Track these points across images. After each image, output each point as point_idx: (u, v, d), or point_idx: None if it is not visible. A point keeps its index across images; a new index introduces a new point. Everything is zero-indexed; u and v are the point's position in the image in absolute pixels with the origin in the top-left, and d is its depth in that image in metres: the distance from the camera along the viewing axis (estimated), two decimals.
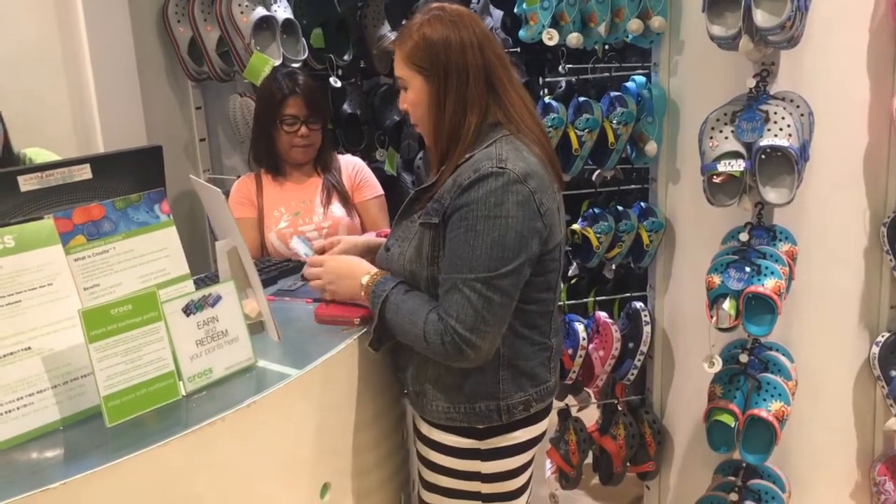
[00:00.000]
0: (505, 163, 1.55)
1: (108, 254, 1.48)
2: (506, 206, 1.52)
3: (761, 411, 2.13)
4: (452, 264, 1.55)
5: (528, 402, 1.68)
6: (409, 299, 1.61)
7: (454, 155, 1.61)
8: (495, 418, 1.66)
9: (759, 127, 2.02)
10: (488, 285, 1.52)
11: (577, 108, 2.44)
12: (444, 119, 1.61)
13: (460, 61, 1.59)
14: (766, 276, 2.06)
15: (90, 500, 1.23)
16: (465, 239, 1.53)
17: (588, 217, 2.57)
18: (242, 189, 2.51)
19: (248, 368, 1.57)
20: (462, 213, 1.54)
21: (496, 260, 1.52)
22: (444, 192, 1.59)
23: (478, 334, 1.53)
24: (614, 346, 2.57)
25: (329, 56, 2.99)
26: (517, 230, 1.53)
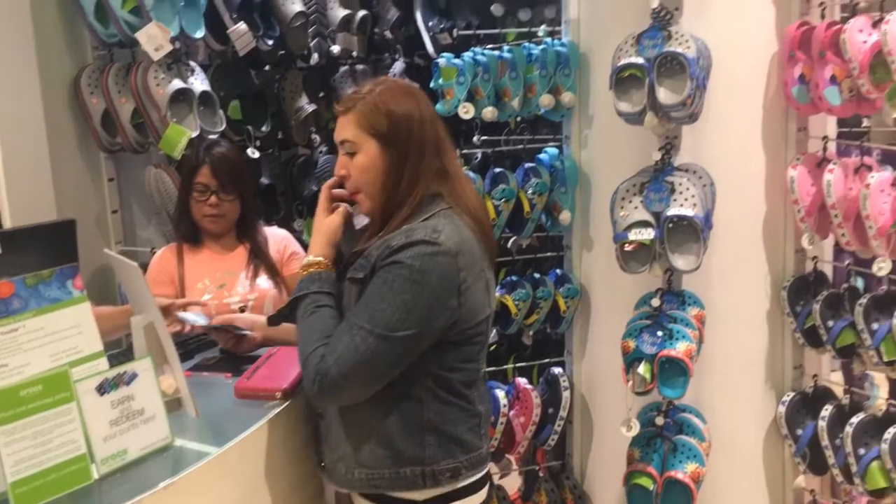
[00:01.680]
0: (439, 234, 1.58)
1: (17, 332, 1.43)
2: (428, 274, 1.55)
3: (678, 473, 2.18)
4: (358, 309, 1.58)
5: (456, 469, 1.66)
6: (319, 318, 1.62)
7: (395, 222, 1.63)
8: (420, 483, 1.64)
9: (665, 197, 2.12)
10: (380, 340, 1.54)
11: (493, 178, 2.51)
12: (396, 189, 1.64)
13: (420, 134, 1.64)
14: (678, 340, 2.14)
15: None
16: (379, 292, 1.55)
17: (506, 285, 2.61)
18: (161, 263, 2.46)
19: (165, 448, 1.52)
20: (386, 269, 1.56)
21: (398, 321, 1.54)
22: (374, 250, 1.61)
23: (349, 380, 1.55)
24: (534, 412, 2.60)
25: (247, 128, 2.99)
26: (429, 301, 1.55)
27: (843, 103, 2.16)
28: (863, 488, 2.22)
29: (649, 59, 2.10)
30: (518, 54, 2.47)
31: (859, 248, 2.24)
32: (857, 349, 2.30)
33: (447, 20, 3.48)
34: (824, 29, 2.18)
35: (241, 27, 2.81)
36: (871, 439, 2.23)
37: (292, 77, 3.20)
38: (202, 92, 2.76)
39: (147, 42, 2.60)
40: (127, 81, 2.72)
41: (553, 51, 2.48)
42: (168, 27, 2.61)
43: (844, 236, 2.21)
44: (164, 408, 1.53)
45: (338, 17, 3.23)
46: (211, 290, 2.40)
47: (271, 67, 3.23)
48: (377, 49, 3.52)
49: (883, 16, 2.10)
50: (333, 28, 3.25)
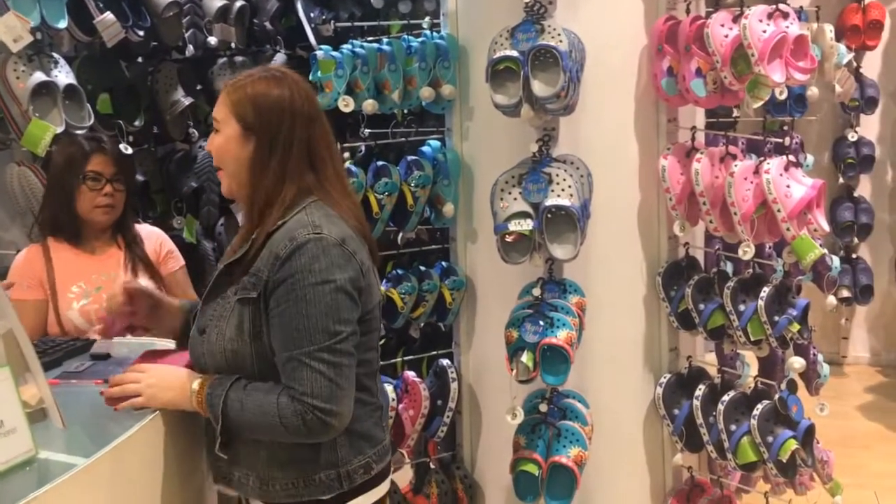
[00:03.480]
0: (320, 228, 1.55)
1: None
2: (330, 269, 1.53)
3: (562, 458, 2.23)
4: (290, 340, 1.52)
5: (368, 464, 1.65)
6: (252, 392, 1.55)
7: (267, 221, 1.59)
8: (337, 486, 1.61)
9: (543, 188, 2.16)
10: (333, 352, 1.51)
11: (376, 172, 2.50)
12: (262, 183, 1.60)
13: (288, 131, 1.60)
14: (559, 328, 2.19)
15: None
16: (298, 310, 1.51)
17: (392, 278, 2.61)
18: (28, 265, 2.32)
19: (29, 461, 1.43)
20: (287, 286, 1.52)
21: (334, 324, 1.52)
22: (261, 265, 1.56)
23: (336, 402, 1.51)
24: (423, 405, 2.60)
25: (118, 122, 2.87)
26: (346, 291, 1.54)
27: (708, 95, 2.26)
28: (735, 463, 2.34)
29: (523, 52, 2.13)
30: (397, 47, 2.47)
31: (726, 233, 2.35)
32: (727, 330, 2.42)
33: (329, 11, 3.44)
34: (689, 23, 2.27)
35: (107, 17, 2.69)
36: (742, 416, 2.35)
37: (167, 69, 3.09)
38: (67, 85, 2.63)
39: (5, 33, 2.45)
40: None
41: (432, 43, 2.49)
42: (27, 17, 2.48)
43: (712, 222, 2.31)
44: (25, 419, 1.44)
45: (214, 6, 3.14)
46: (88, 293, 2.29)
47: (144, 59, 3.11)
48: (257, 40, 3.44)
49: (743, 10, 2.20)
50: (209, 18, 3.15)
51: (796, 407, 2.36)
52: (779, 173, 2.23)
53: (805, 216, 2.26)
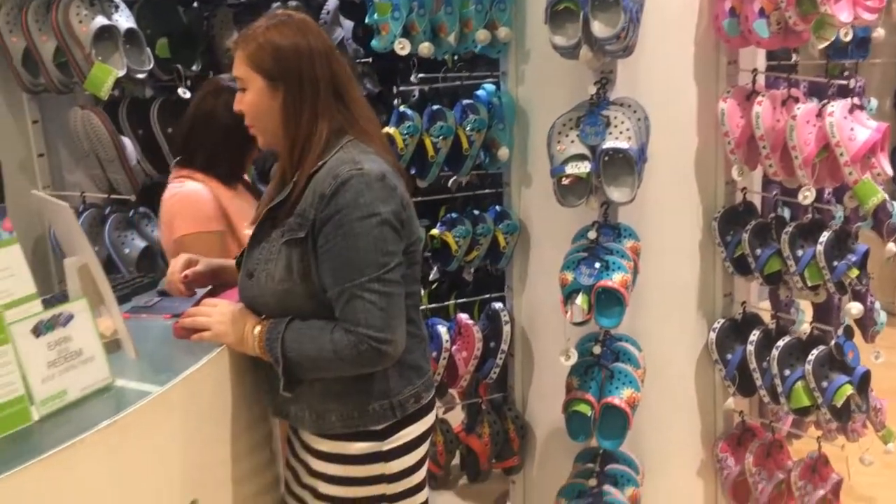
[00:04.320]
0: (361, 164, 1.59)
1: None
2: (375, 203, 1.57)
3: (614, 399, 2.25)
4: (340, 274, 1.56)
5: (417, 394, 1.72)
6: (306, 331, 1.61)
7: (306, 164, 1.62)
8: (390, 416, 1.68)
9: (601, 131, 2.15)
10: (383, 282, 1.56)
11: (431, 115, 2.50)
12: (298, 127, 1.62)
13: (311, 70, 1.62)
14: (614, 271, 2.19)
15: None
16: (346, 245, 1.55)
17: (446, 222, 2.63)
18: (208, 200, 2.22)
19: (106, 388, 1.51)
20: (335, 222, 1.56)
21: (382, 256, 1.57)
22: (306, 205, 1.60)
23: (390, 331, 1.57)
24: (476, 347, 2.65)
25: (176, 66, 2.91)
26: (391, 223, 1.58)
27: (771, 35, 2.21)
28: (788, 407, 2.34)
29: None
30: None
31: (786, 178, 2.32)
32: (783, 276, 2.40)
33: None
34: None
35: None
36: (796, 361, 2.34)
37: (222, 14, 3.10)
38: (127, 29, 2.67)
39: None
40: (47, 18, 2.61)
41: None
42: None
43: (772, 167, 2.28)
44: (102, 349, 1.51)
45: None
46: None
47: (200, 4, 3.13)
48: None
49: None
50: None
51: (852, 353, 2.35)
52: (843, 116, 2.18)
53: (868, 160, 2.21)
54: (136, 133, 2.94)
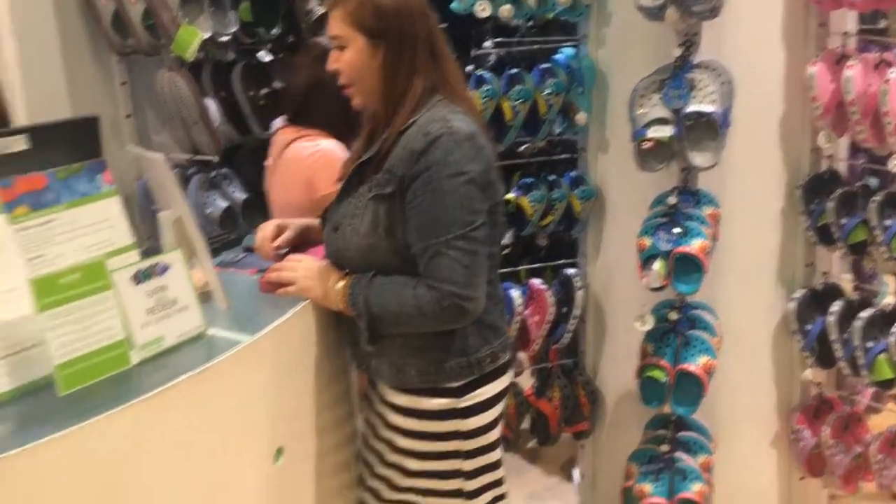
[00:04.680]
0: (451, 122, 1.60)
1: (51, 224, 1.46)
2: (463, 162, 1.58)
3: (690, 366, 2.24)
4: (427, 230, 1.59)
5: (494, 354, 1.74)
6: (389, 286, 1.64)
7: (397, 120, 1.63)
8: (466, 373, 1.70)
9: (685, 94, 2.11)
10: (468, 240, 1.58)
11: (510, 79, 2.50)
12: (395, 84, 1.64)
13: (410, 28, 1.63)
14: (693, 237, 2.17)
15: (47, 468, 1.22)
16: (434, 202, 1.58)
17: (522, 186, 2.63)
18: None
19: (199, 336, 1.57)
20: (423, 179, 1.58)
21: (468, 214, 1.58)
22: (396, 161, 1.62)
23: (472, 288, 1.59)
24: (549, 311, 2.65)
25: (259, 30, 2.96)
26: (478, 183, 1.60)
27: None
28: (869, 379, 2.29)
29: None
30: None
31: (876, 145, 2.24)
32: (868, 246, 2.33)
33: None
34: None
35: None
36: (880, 333, 2.29)
37: None
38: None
39: None
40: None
41: None
42: None
43: (862, 133, 2.21)
44: (196, 298, 1.57)
45: None
46: None
47: None
48: None
49: None
50: None
51: None
52: None
53: None
54: (219, 96, 3.01)
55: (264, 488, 1.61)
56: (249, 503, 1.57)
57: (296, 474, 1.71)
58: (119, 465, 1.32)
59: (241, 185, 3.03)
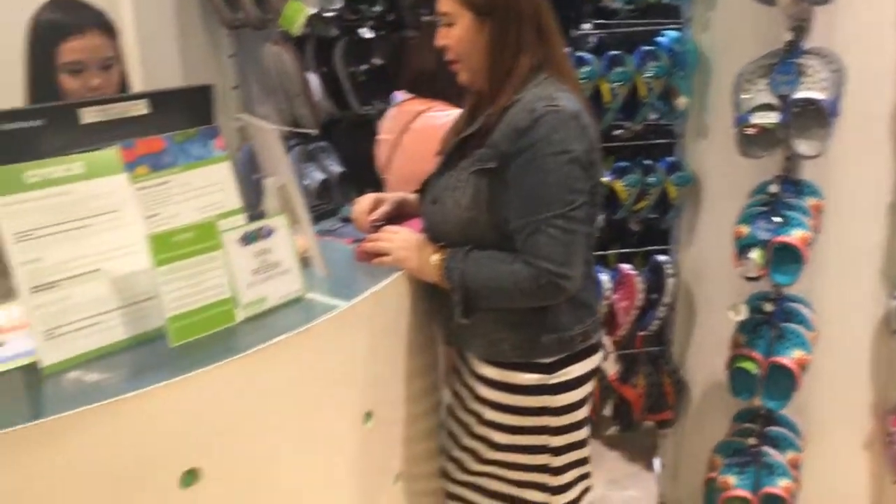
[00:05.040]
0: (557, 101, 1.60)
1: (167, 185, 1.54)
2: (567, 140, 1.58)
3: (783, 359, 2.19)
4: (527, 207, 1.60)
5: (586, 332, 1.75)
6: (487, 261, 1.65)
7: (502, 97, 1.65)
8: (558, 350, 1.72)
9: (793, 80, 2.06)
10: (568, 219, 1.58)
11: (610, 61, 2.48)
12: (501, 61, 1.65)
13: (517, 5, 1.64)
14: (794, 227, 2.12)
15: (155, 413, 1.29)
16: (537, 179, 1.58)
17: (616, 170, 2.62)
18: None
19: (299, 299, 1.62)
20: (527, 156, 1.59)
21: (570, 193, 1.58)
22: (500, 137, 1.63)
23: (569, 267, 1.59)
24: (637, 297, 2.64)
25: (361, 7, 3.02)
26: (581, 162, 1.60)
27: None
28: None
29: None
30: None
31: None
32: None
33: None
34: None
35: None
36: None
37: None
38: None
39: None
40: None
41: None
42: None
43: None
44: (297, 262, 1.63)
45: None
46: None
47: None
48: None
49: None
50: None
51: None
52: None
53: None
54: (320, 71, 3.09)
55: (354, 448, 1.66)
56: (339, 461, 1.63)
57: (383, 438, 1.75)
58: (222, 414, 1.39)
59: (337, 159, 3.10)
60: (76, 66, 1.92)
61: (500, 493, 1.86)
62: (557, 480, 1.83)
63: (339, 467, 1.62)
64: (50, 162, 1.39)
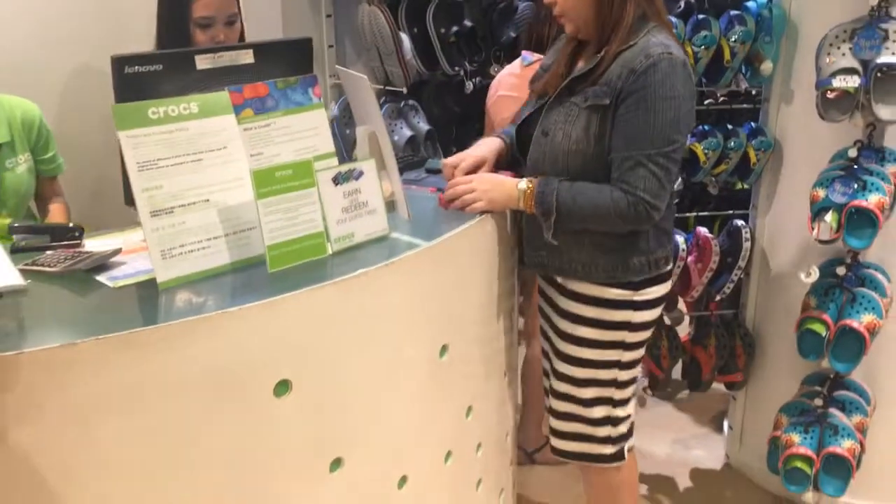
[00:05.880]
0: (670, 48, 1.76)
1: (270, 127, 1.68)
2: (677, 87, 1.75)
3: (853, 322, 2.22)
4: (633, 142, 1.77)
5: (666, 257, 1.95)
6: (580, 189, 1.82)
7: (614, 43, 1.79)
8: (647, 270, 1.90)
9: (877, 45, 2.07)
10: (667, 158, 1.77)
11: (696, 24, 2.51)
12: (610, 12, 1.79)
13: None
14: (871, 192, 2.13)
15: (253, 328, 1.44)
16: (646, 119, 1.75)
17: (696, 133, 2.65)
18: None
19: (383, 238, 1.76)
20: (639, 95, 1.75)
21: (673, 134, 1.77)
22: (614, 77, 1.78)
23: (660, 199, 1.79)
24: (713, 259, 2.68)
25: None
26: (686, 109, 1.77)
27: None
28: None
29: None
30: None
31: None
32: None
33: None
34: None
35: None
36: None
37: None
38: None
39: None
40: None
41: None
42: None
43: None
44: (383, 204, 1.77)
45: None
46: None
47: None
48: None
49: None
50: None
51: None
52: None
53: None
54: (412, 31, 3.20)
55: (429, 379, 1.79)
56: (414, 389, 1.76)
57: (457, 372, 1.88)
58: (311, 335, 1.53)
59: (425, 117, 3.22)
60: (207, 20, 2.13)
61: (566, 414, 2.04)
62: (621, 394, 2.01)
63: (412, 394, 1.76)
64: (169, 101, 1.55)
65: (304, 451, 1.55)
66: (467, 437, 1.95)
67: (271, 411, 1.48)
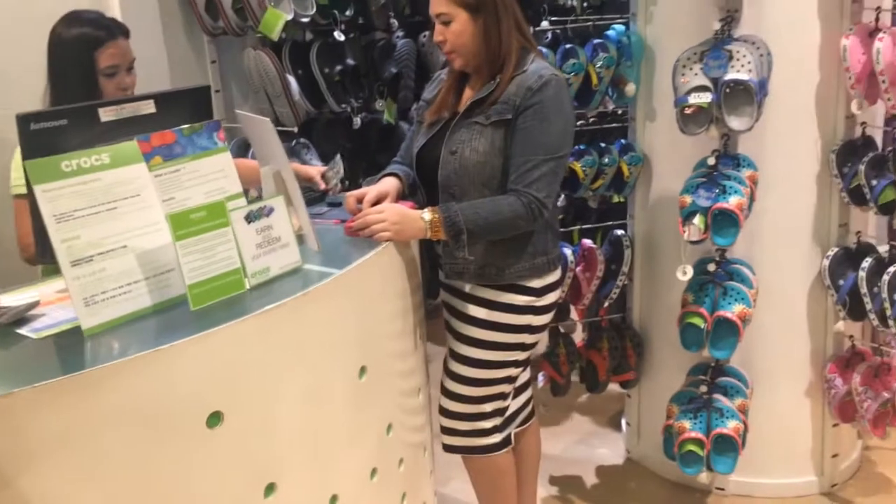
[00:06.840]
0: (556, 72, 2.04)
1: (179, 172, 1.75)
2: (565, 103, 2.05)
3: (726, 313, 2.46)
4: (528, 148, 2.01)
5: (558, 255, 2.22)
6: (480, 204, 2.03)
7: (508, 71, 2.03)
8: (547, 269, 2.15)
9: (724, 64, 2.33)
10: (557, 162, 2.03)
11: (564, 53, 2.73)
12: (498, 44, 2.03)
13: (501, 1, 2.01)
14: (731, 195, 2.38)
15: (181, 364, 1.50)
16: (541, 129, 2.01)
17: (575, 153, 2.86)
18: None
19: (297, 269, 1.85)
20: (536, 108, 2.00)
21: (562, 142, 2.05)
22: (511, 95, 2.02)
23: (549, 198, 2.04)
24: (598, 268, 2.89)
25: (333, 12, 3.24)
26: (571, 121, 2.09)
27: None
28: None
29: None
30: None
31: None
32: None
33: None
34: None
35: None
36: None
37: None
38: None
39: None
40: None
41: None
42: None
43: (890, 100, 2.39)
44: (295, 237, 1.86)
45: None
46: None
47: None
48: None
49: None
50: None
51: None
52: None
53: None
54: (296, 73, 3.30)
55: (351, 400, 1.88)
56: (338, 411, 1.85)
57: (376, 391, 1.98)
58: (237, 366, 1.60)
59: (317, 154, 3.32)
60: (112, 69, 2.19)
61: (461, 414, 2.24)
62: (510, 388, 2.25)
63: (337, 416, 1.85)
64: (81, 153, 1.60)
65: (238, 479, 1.61)
66: (390, 453, 2.04)
67: (205, 443, 1.54)
